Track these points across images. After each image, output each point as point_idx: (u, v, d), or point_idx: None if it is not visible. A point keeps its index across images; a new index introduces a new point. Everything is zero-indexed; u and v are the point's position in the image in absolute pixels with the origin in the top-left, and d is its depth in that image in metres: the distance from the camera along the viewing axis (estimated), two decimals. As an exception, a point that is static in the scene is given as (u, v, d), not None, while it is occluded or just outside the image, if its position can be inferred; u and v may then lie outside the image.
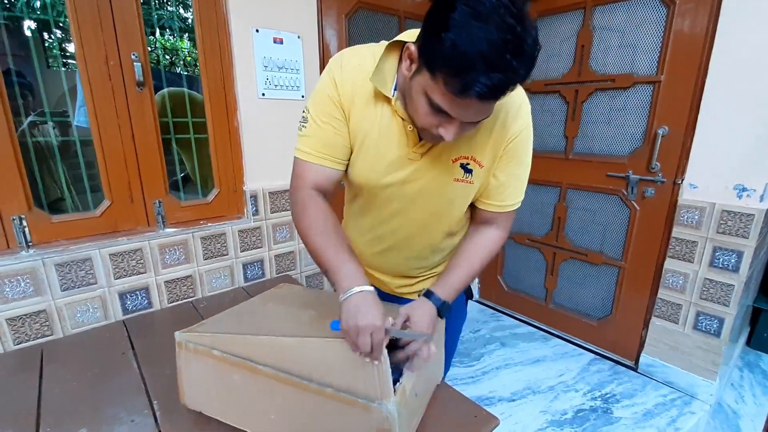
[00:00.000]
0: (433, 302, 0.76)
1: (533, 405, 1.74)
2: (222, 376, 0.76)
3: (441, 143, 0.71)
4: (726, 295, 1.61)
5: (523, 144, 0.78)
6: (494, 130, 0.74)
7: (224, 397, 0.78)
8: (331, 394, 0.66)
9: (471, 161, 0.75)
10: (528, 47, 0.52)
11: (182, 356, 0.80)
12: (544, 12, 1.99)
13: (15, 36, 1.19)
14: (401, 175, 0.77)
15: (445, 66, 0.54)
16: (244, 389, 0.74)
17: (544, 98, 2.08)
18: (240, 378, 0.73)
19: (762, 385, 1.93)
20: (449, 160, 0.75)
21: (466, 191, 0.80)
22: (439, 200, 0.81)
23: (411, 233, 0.87)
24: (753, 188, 1.49)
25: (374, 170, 0.78)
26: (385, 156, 0.76)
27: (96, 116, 1.23)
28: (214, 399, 0.81)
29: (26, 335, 1.20)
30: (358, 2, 1.77)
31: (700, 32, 1.53)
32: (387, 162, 0.76)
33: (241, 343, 0.73)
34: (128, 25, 1.23)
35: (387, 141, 0.75)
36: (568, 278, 2.18)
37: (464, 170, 0.76)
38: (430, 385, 0.88)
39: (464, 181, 0.78)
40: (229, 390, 0.76)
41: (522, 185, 0.83)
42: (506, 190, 0.81)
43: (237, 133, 1.50)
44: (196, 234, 1.45)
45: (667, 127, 1.67)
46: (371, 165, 0.78)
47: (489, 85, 0.52)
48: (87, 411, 0.89)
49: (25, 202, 1.17)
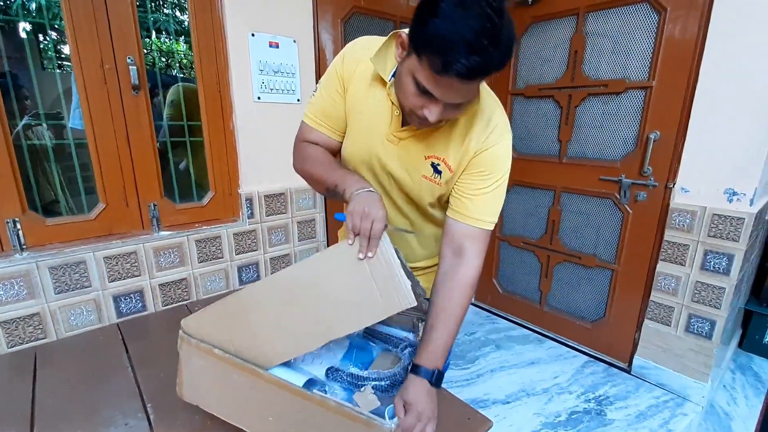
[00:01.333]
0: (423, 377, 0.73)
1: (527, 407, 1.74)
2: (222, 375, 0.76)
3: (420, 137, 0.77)
4: (717, 298, 1.63)
5: (493, 161, 0.78)
6: (470, 139, 0.77)
7: (223, 395, 0.78)
8: (334, 407, 0.64)
9: (442, 163, 0.79)
10: (504, 38, 0.58)
11: (184, 349, 0.79)
12: (538, 18, 2.01)
13: (10, 38, 1.19)
14: (379, 153, 0.82)
15: (430, 47, 0.60)
16: (243, 390, 0.74)
17: (538, 103, 2.10)
18: (240, 379, 0.73)
19: (754, 387, 1.95)
20: (422, 156, 0.79)
21: (432, 191, 0.83)
22: (402, 196, 0.86)
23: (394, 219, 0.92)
24: (743, 192, 1.51)
25: (358, 144, 0.84)
26: (371, 132, 0.81)
27: (91, 119, 1.23)
28: (212, 395, 0.80)
29: (20, 338, 1.20)
30: (353, 7, 1.79)
31: (691, 39, 1.55)
32: (371, 138, 0.82)
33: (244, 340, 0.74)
34: (124, 29, 1.24)
35: (375, 120, 0.80)
36: (563, 281, 2.20)
37: (434, 170, 0.80)
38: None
39: (432, 181, 0.81)
40: (229, 389, 0.76)
41: (493, 204, 0.80)
42: (478, 202, 0.79)
43: (233, 137, 1.51)
44: (191, 237, 1.45)
45: (658, 132, 1.69)
46: (357, 138, 0.84)
47: (468, 65, 0.57)
48: (81, 414, 0.89)
49: (19, 205, 1.17)
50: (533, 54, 2.08)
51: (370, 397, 0.71)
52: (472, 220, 0.79)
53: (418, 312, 0.86)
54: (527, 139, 2.20)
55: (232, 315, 0.76)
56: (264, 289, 0.75)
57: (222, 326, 0.77)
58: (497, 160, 0.78)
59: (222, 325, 0.77)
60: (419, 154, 0.79)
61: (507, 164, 0.80)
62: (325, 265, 0.70)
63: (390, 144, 0.80)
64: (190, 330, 0.79)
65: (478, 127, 0.77)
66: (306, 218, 1.79)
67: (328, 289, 0.70)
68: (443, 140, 0.77)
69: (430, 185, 0.81)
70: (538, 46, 2.05)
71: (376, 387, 0.74)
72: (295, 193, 1.72)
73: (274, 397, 0.70)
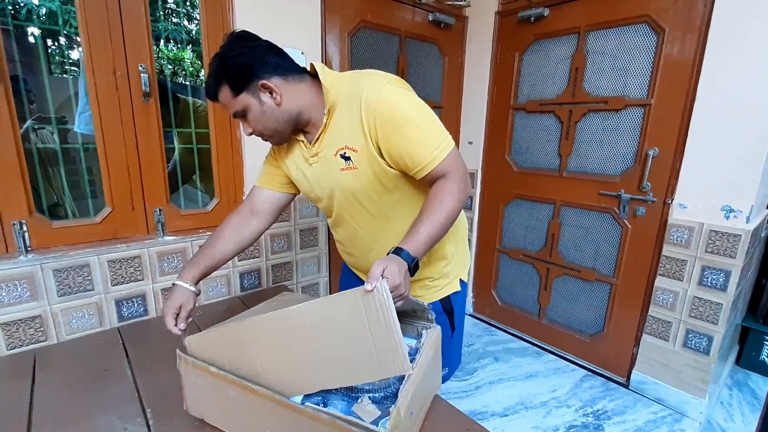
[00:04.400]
0: (402, 257, 0.76)
1: (525, 420, 1.74)
2: (219, 391, 0.77)
3: (325, 145, 0.90)
4: (715, 314, 1.64)
5: (387, 108, 0.80)
6: (355, 116, 0.84)
7: (224, 409, 0.79)
8: (326, 420, 0.65)
9: (346, 149, 0.87)
10: (210, 78, 0.86)
11: (182, 367, 0.82)
12: (539, 35, 2.06)
13: (20, 42, 1.21)
14: (311, 177, 0.96)
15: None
16: (240, 405, 0.75)
17: (539, 117, 2.14)
18: (236, 395, 0.75)
19: (750, 404, 1.95)
20: (332, 155, 0.89)
21: (358, 178, 0.89)
22: (349, 196, 0.93)
23: (365, 238, 1.00)
24: (740, 209, 1.53)
25: (299, 181, 1.00)
26: (298, 168, 0.98)
27: (101, 125, 1.25)
28: (213, 409, 0.82)
29: (20, 340, 1.19)
30: (360, 21, 1.83)
31: (689, 59, 1.60)
32: (300, 171, 0.98)
33: (239, 354, 0.75)
34: (137, 37, 1.26)
35: (295, 157, 0.98)
36: (561, 294, 2.21)
37: (344, 159, 0.88)
38: (427, 401, 0.87)
39: (349, 169, 0.88)
40: (228, 403, 0.77)
41: (426, 135, 0.82)
42: (416, 150, 0.82)
43: (239, 145, 1.53)
44: (195, 242, 1.46)
45: (657, 149, 1.73)
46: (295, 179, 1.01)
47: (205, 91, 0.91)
48: (80, 418, 0.89)
49: (26, 207, 1.18)
50: (535, 70, 2.12)
51: (369, 408, 0.71)
52: (427, 165, 0.82)
53: (423, 321, 0.87)
54: (528, 153, 2.23)
55: (232, 344, 0.78)
56: (267, 325, 0.75)
57: (221, 352, 0.79)
58: (389, 105, 0.80)
59: (221, 351, 0.79)
60: (330, 155, 0.89)
61: (403, 104, 0.82)
62: (329, 313, 0.70)
63: (312, 165, 0.94)
64: (192, 347, 0.82)
65: (352, 99, 0.84)
66: (308, 227, 1.80)
67: (328, 339, 0.70)
68: (338, 133, 0.87)
69: (351, 175, 0.89)
70: (540, 62, 2.09)
71: (371, 399, 0.74)
72: (298, 202, 1.73)
73: (269, 411, 0.71)
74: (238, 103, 0.85)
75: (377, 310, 0.64)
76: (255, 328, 0.75)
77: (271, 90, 0.84)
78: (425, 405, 0.86)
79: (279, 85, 0.85)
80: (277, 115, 0.87)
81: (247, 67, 0.83)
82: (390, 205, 0.93)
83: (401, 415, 0.66)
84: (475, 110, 2.39)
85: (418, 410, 0.80)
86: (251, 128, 0.90)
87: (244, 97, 0.84)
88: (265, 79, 0.83)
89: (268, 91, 0.84)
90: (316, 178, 0.95)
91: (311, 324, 0.71)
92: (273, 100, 0.85)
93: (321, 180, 0.94)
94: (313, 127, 0.91)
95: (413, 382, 0.71)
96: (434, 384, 0.90)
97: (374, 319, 0.65)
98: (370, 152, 0.85)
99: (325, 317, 0.70)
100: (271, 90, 0.84)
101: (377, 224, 0.96)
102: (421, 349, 0.78)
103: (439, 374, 0.92)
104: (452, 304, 1.05)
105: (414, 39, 2.09)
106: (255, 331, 0.75)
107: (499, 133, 2.33)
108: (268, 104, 0.85)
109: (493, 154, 2.37)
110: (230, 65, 0.82)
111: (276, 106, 0.85)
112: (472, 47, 2.35)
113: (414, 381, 0.71)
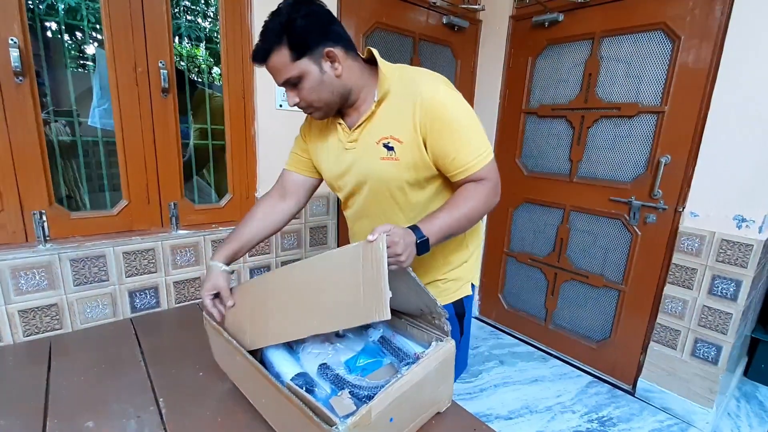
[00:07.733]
0: (413, 231, 0.76)
1: (530, 424, 1.73)
2: (231, 354, 0.85)
3: (368, 132, 0.87)
4: (724, 324, 1.63)
5: (442, 109, 0.81)
6: (407, 109, 0.83)
7: (235, 369, 0.89)
8: (297, 404, 0.65)
9: (391, 139, 0.85)
10: (268, 33, 0.78)
11: (207, 327, 0.94)
12: (553, 40, 2.06)
13: (37, 37, 1.23)
14: (344, 161, 0.93)
15: None
16: (244, 371, 0.83)
17: (551, 122, 2.14)
18: (241, 360, 0.82)
19: (758, 416, 1.93)
20: (374, 143, 0.87)
21: (397, 169, 0.87)
22: (383, 187, 0.90)
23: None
24: (752, 219, 1.52)
25: (325, 165, 0.98)
26: (330, 151, 0.96)
27: (121, 120, 1.28)
28: (230, 367, 0.92)
29: (36, 328, 1.22)
30: (375, 22, 1.84)
31: (704, 67, 1.59)
32: (332, 154, 0.95)
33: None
34: (158, 34, 1.29)
35: (328, 139, 0.96)
36: (569, 299, 2.20)
37: (387, 148, 0.86)
38: (421, 413, 0.80)
39: (389, 159, 0.86)
40: (237, 366, 0.87)
41: (473, 141, 0.83)
42: (459, 153, 0.83)
43: (253, 142, 1.55)
44: (208, 237, 1.48)
45: (669, 156, 1.72)
46: (324, 163, 0.99)
47: (252, 54, 0.82)
48: (94, 405, 0.91)
49: (46, 198, 1.21)
50: (547, 75, 2.12)
51: (346, 402, 0.69)
52: (467, 169, 0.83)
53: (438, 332, 0.85)
54: (538, 157, 2.23)
55: (251, 294, 0.89)
56: (280, 276, 0.86)
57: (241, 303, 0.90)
58: (444, 107, 0.81)
59: (241, 302, 0.90)
60: (372, 142, 0.87)
61: (457, 107, 0.82)
62: (336, 260, 0.75)
63: (349, 151, 0.91)
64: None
65: (406, 92, 0.83)
66: (318, 224, 1.82)
67: (329, 286, 0.74)
68: (385, 122, 0.86)
69: (391, 165, 0.87)
70: (553, 67, 2.09)
71: (353, 393, 0.72)
72: (310, 199, 1.75)
73: (260, 383, 0.76)
74: (295, 68, 0.79)
75: (372, 260, 0.66)
76: (269, 280, 0.88)
77: (334, 59, 0.80)
78: (419, 417, 0.80)
79: (342, 57, 0.81)
80: (334, 87, 0.83)
81: (316, 31, 0.77)
82: (420, 203, 0.93)
83: (371, 417, 0.63)
84: (486, 113, 2.39)
85: (406, 420, 0.75)
86: (300, 98, 0.84)
87: (305, 63, 0.79)
88: (331, 47, 0.79)
89: (331, 59, 0.80)
90: (350, 164, 0.92)
91: (319, 271, 0.77)
92: (334, 70, 0.81)
93: (355, 166, 0.91)
94: (354, 110, 0.89)
95: (399, 387, 0.68)
96: (437, 398, 0.83)
97: (368, 267, 0.67)
98: (417, 145, 0.83)
99: (332, 265, 0.75)
100: (335, 59, 0.80)
101: (403, 220, 0.94)
102: (423, 357, 0.75)
103: (446, 390, 0.86)
104: (464, 307, 1.05)
105: (428, 41, 2.11)
106: (269, 282, 0.87)
107: (510, 137, 2.33)
108: (328, 74, 0.81)
109: (503, 157, 2.37)
110: (298, 26, 0.76)
111: (336, 77, 0.82)
112: (485, 51, 2.36)
113: (401, 387, 0.68)
